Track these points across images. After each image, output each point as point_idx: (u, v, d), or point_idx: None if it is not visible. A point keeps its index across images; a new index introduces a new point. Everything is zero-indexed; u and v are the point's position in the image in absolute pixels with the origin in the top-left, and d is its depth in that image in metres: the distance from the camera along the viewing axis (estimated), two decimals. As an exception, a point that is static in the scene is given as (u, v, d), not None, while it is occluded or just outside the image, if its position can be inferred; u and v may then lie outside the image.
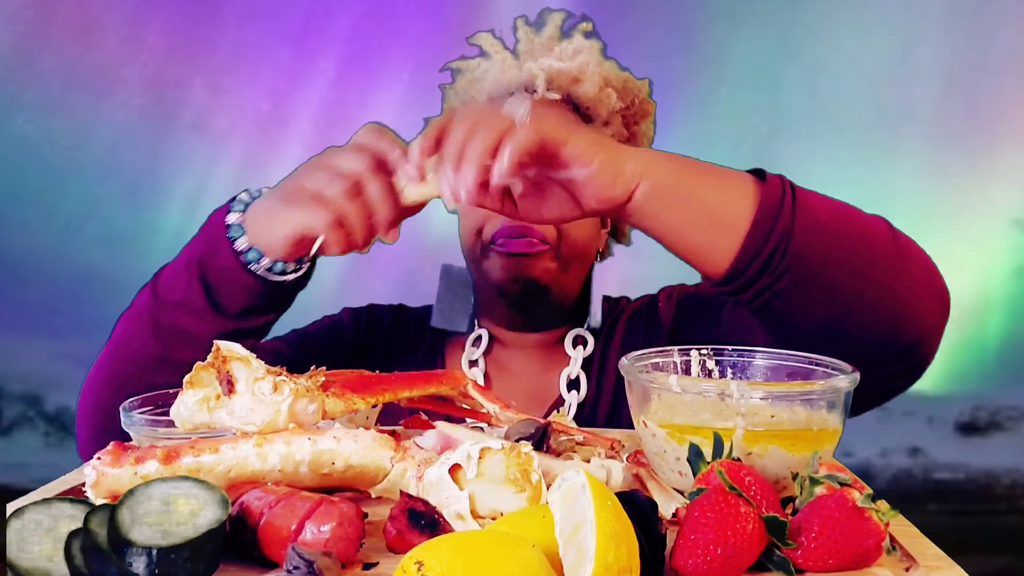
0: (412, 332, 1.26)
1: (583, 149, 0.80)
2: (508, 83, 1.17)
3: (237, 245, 0.89)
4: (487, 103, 1.18)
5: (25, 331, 2.86)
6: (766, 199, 0.84)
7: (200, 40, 2.96)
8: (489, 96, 1.18)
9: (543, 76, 1.14)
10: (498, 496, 0.61)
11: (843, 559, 0.57)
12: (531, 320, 1.19)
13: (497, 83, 1.17)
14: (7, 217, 2.90)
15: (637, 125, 1.22)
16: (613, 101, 1.17)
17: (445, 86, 1.24)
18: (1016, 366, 3.01)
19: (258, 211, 0.89)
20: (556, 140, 0.79)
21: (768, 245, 0.83)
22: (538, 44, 1.18)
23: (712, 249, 0.85)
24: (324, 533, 0.56)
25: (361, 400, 0.70)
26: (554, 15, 1.19)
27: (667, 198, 0.83)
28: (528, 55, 1.18)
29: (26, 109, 2.92)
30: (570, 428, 0.81)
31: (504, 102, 0.82)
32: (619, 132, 1.19)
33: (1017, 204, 3.01)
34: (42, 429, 2.98)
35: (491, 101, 1.18)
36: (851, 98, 3.00)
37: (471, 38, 1.20)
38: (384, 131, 0.86)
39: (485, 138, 0.78)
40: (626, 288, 1.31)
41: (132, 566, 0.52)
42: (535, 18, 1.20)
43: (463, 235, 1.18)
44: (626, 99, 1.20)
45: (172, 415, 0.68)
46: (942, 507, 3.03)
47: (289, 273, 0.90)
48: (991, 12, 2.95)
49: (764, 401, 0.69)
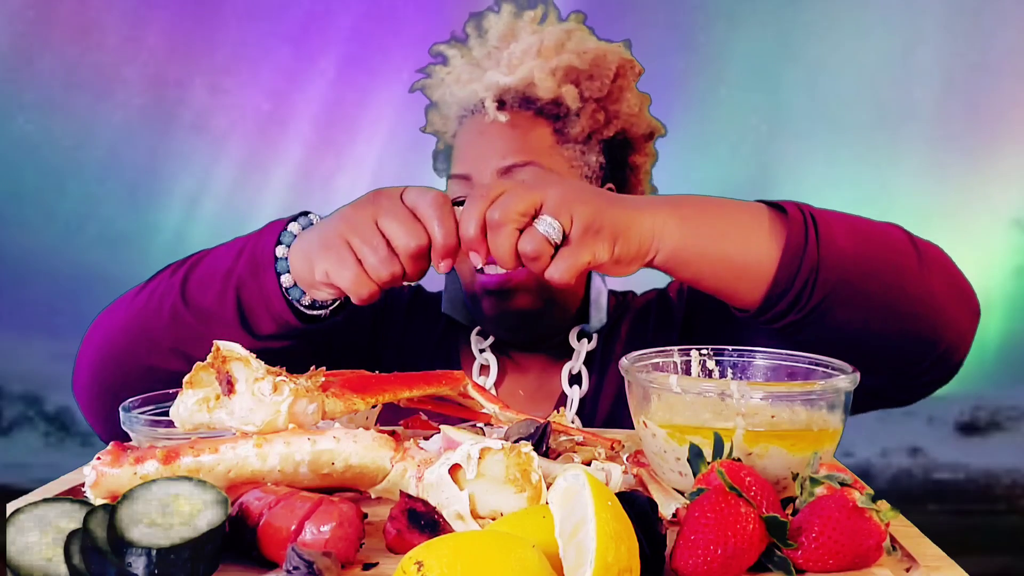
0: (429, 315, 1.24)
1: (597, 249, 0.79)
2: (464, 102, 1.14)
3: (283, 281, 0.88)
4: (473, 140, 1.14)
5: (25, 331, 2.86)
6: (789, 238, 0.83)
7: (200, 40, 2.96)
8: (458, 114, 1.15)
9: (491, 98, 1.11)
10: (498, 496, 0.61)
11: (843, 559, 0.57)
12: (530, 341, 1.18)
13: (458, 101, 1.15)
14: (7, 217, 2.90)
15: (616, 104, 1.16)
16: (572, 96, 1.12)
17: (427, 105, 1.22)
18: (1016, 366, 3.01)
19: (301, 249, 0.87)
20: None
21: (796, 284, 0.82)
22: (487, 52, 1.14)
23: (740, 293, 0.85)
24: (324, 533, 0.56)
25: (361, 400, 0.70)
26: (491, 17, 1.14)
27: (686, 259, 0.83)
28: (484, 63, 1.14)
29: (26, 109, 2.92)
30: (570, 428, 0.81)
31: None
32: (594, 119, 1.14)
33: (1017, 204, 3.01)
34: (42, 429, 2.98)
35: (460, 121, 1.15)
36: (851, 98, 3.00)
37: (433, 48, 1.18)
38: (446, 207, 0.82)
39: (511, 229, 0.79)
40: (628, 283, 1.29)
41: (131, 566, 0.52)
42: (481, 20, 1.15)
43: (460, 281, 1.17)
44: (597, 80, 1.13)
45: (172, 415, 0.68)
46: (942, 507, 3.03)
47: (325, 310, 0.90)
48: (991, 12, 2.95)
49: (764, 401, 0.69)
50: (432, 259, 0.81)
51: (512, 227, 0.78)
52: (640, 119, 1.19)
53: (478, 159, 1.11)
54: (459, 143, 1.15)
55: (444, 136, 1.21)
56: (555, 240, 0.78)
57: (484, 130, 1.12)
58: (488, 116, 1.11)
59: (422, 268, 0.82)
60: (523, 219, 0.78)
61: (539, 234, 0.78)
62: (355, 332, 1.19)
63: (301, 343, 0.93)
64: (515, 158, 1.10)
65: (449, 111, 1.17)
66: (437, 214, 0.80)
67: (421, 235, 0.80)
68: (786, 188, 2.99)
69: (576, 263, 0.78)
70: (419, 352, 1.21)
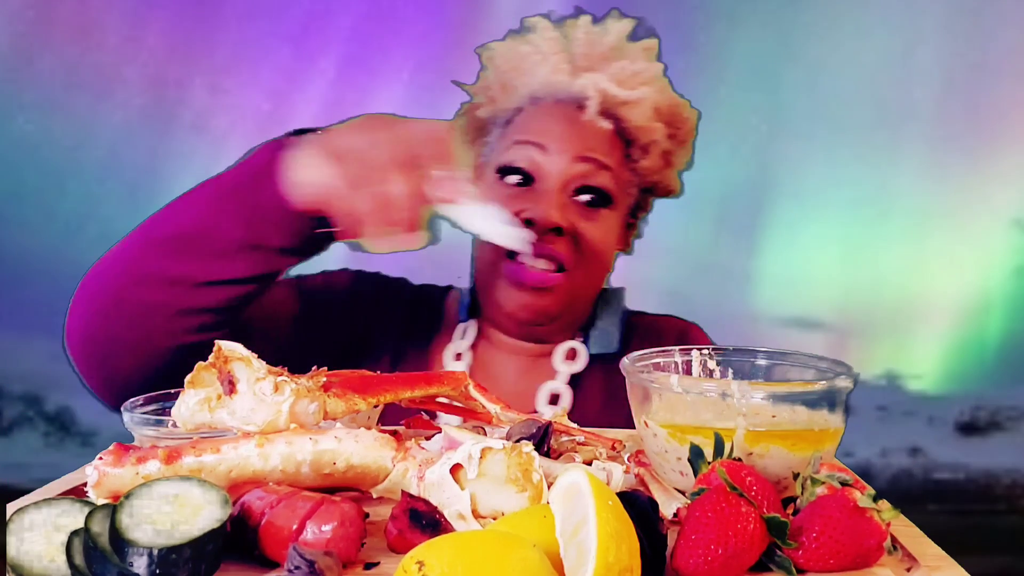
0: (405, 307, 1.24)
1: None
2: (557, 90, 1.14)
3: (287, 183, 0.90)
4: (527, 100, 1.15)
5: (25, 331, 2.85)
6: None
7: (200, 40, 2.96)
8: (531, 92, 1.15)
9: (597, 100, 1.11)
10: (499, 496, 0.61)
11: (844, 559, 0.57)
12: (533, 335, 1.17)
13: (545, 84, 1.14)
14: (7, 217, 2.90)
15: (673, 154, 1.19)
16: (659, 135, 1.15)
17: (484, 64, 1.19)
18: (1016, 366, 3.02)
19: (305, 156, 0.90)
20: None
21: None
22: (597, 54, 1.14)
23: None
24: (325, 533, 0.56)
25: (362, 400, 0.70)
26: (620, 23, 1.15)
27: None
28: (584, 62, 1.14)
29: (26, 109, 2.92)
30: (571, 428, 0.81)
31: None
32: (655, 162, 1.17)
33: (1017, 204, 3.01)
34: (42, 429, 2.98)
35: (533, 99, 1.15)
36: (851, 98, 3.00)
37: (526, 20, 1.16)
38: (447, 149, 0.87)
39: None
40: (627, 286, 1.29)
41: (133, 566, 0.52)
42: (599, 18, 1.15)
43: (478, 261, 1.17)
44: (670, 129, 1.17)
45: (173, 415, 0.68)
46: (942, 507, 3.03)
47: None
48: (991, 12, 2.95)
49: (765, 401, 0.69)
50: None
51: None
52: (674, 178, 1.21)
53: (562, 138, 1.11)
54: (536, 118, 1.15)
55: (496, 104, 1.19)
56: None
57: (573, 119, 1.12)
58: (587, 114, 1.12)
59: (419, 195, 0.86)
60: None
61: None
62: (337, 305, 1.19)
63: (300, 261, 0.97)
64: (599, 156, 1.12)
65: (526, 88, 1.15)
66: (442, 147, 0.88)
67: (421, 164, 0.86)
68: (786, 188, 3.00)
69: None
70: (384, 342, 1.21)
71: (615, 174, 1.13)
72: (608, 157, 1.12)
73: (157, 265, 0.93)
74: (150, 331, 0.94)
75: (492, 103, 1.19)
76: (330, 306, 1.18)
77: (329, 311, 1.18)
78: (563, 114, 1.13)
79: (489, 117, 1.20)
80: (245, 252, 0.92)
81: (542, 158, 1.11)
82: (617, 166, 1.14)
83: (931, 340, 3.08)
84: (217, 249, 0.92)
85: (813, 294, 3.09)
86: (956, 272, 3.05)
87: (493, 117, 1.20)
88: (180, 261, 0.93)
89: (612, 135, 1.13)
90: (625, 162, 1.16)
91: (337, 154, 0.88)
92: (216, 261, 0.92)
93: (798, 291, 3.09)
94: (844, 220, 2.95)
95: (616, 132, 1.14)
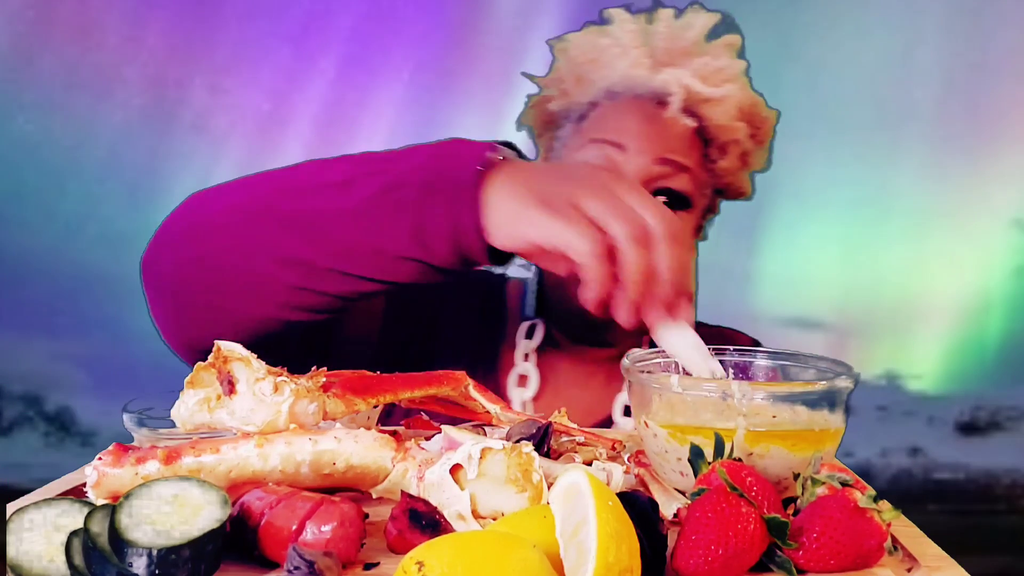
0: (476, 297, 1.17)
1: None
2: (636, 84, 1.09)
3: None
4: (608, 104, 1.10)
5: (25, 331, 2.86)
6: None
7: (200, 40, 2.96)
8: (609, 86, 1.10)
9: (680, 96, 1.07)
10: (499, 496, 0.61)
11: (845, 560, 0.57)
12: (600, 339, 1.10)
13: (624, 78, 1.09)
14: (7, 217, 2.90)
15: (751, 155, 1.15)
16: (741, 134, 1.11)
17: (556, 56, 1.14)
18: (1016, 366, 3.02)
19: (504, 204, 0.77)
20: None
21: None
22: (679, 49, 1.10)
23: None
24: (325, 533, 0.56)
25: (362, 401, 0.70)
26: (701, 16, 1.10)
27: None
28: (665, 56, 1.09)
29: (26, 109, 2.92)
30: (571, 428, 0.81)
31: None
32: (732, 163, 1.13)
33: (1017, 204, 3.01)
34: (42, 429, 2.98)
35: (610, 94, 1.10)
36: (851, 98, 3.00)
37: (604, 11, 1.11)
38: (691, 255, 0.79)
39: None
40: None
41: (132, 566, 0.52)
42: (680, 12, 1.10)
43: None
44: (751, 128, 1.13)
45: (173, 415, 0.68)
46: (942, 507, 3.03)
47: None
48: (991, 12, 2.95)
49: (766, 401, 0.69)
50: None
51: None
52: (747, 180, 1.18)
53: (641, 138, 1.07)
54: (614, 116, 1.09)
55: (569, 98, 1.15)
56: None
57: (653, 117, 1.08)
58: (668, 111, 1.07)
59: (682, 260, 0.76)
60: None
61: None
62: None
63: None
64: (679, 157, 1.07)
65: (603, 82, 1.11)
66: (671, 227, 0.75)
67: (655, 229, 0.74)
68: (786, 188, 2.99)
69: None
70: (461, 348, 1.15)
71: (694, 175, 1.09)
72: (687, 158, 1.08)
73: (289, 243, 0.83)
74: (263, 301, 0.85)
75: (565, 96, 1.15)
76: (410, 294, 1.11)
77: (409, 297, 1.12)
78: (642, 111, 1.08)
79: (561, 111, 1.16)
80: (401, 262, 0.81)
81: (620, 158, 1.06)
82: (696, 167, 1.09)
83: (931, 340, 3.08)
84: (372, 250, 0.81)
85: (813, 294, 3.09)
86: (956, 272, 3.05)
87: (565, 111, 1.15)
88: (319, 247, 0.82)
89: (692, 134, 1.09)
90: (703, 163, 1.12)
91: (566, 214, 0.74)
92: (365, 259, 0.82)
93: (798, 291, 3.09)
94: (844, 220, 2.96)
95: (695, 131, 1.10)
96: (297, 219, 0.82)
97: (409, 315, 1.13)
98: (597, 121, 1.10)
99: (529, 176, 0.78)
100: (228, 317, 0.88)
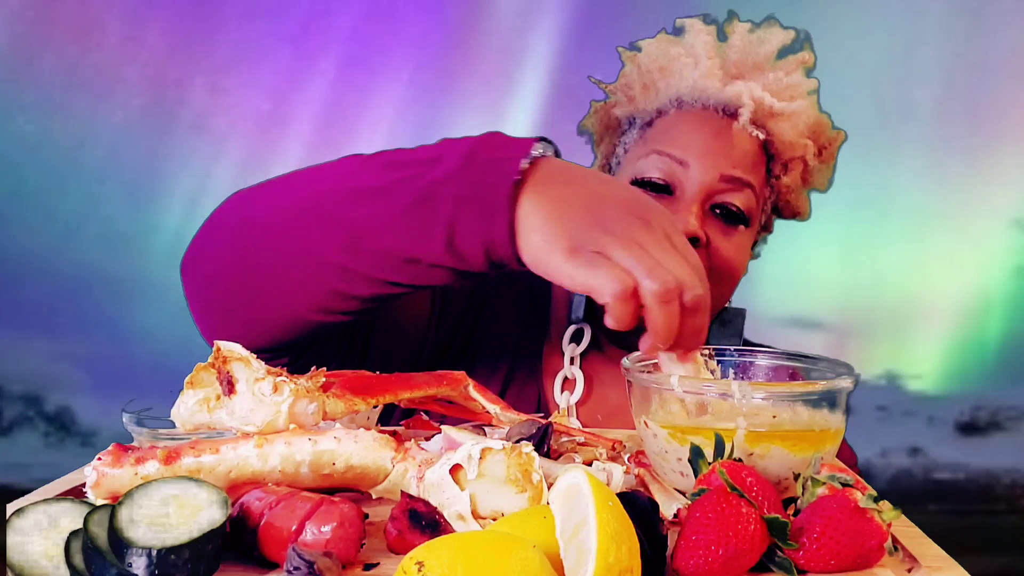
0: (524, 296, 1.16)
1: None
2: (706, 95, 1.08)
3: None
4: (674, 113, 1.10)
5: (25, 331, 2.86)
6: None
7: (200, 40, 2.96)
8: (677, 95, 1.10)
9: (750, 108, 1.06)
10: (499, 496, 0.61)
11: (845, 560, 0.57)
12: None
13: (694, 89, 1.09)
14: (7, 217, 2.90)
15: (813, 174, 1.15)
16: (807, 152, 1.11)
17: (625, 62, 1.14)
18: (1016, 366, 3.02)
19: (533, 238, 0.74)
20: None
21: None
22: (751, 62, 1.10)
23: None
24: (325, 533, 0.56)
25: (362, 401, 0.70)
26: (776, 31, 1.11)
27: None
28: (737, 69, 1.09)
29: (26, 109, 2.92)
30: (571, 429, 0.81)
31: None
32: (794, 180, 1.13)
33: (1017, 204, 3.01)
34: (42, 429, 2.98)
35: (678, 103, 1.10)
36: (851, 98, 2.99)
37: (678, 20, 1.11)
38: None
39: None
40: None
41: (132, 567, 0.52)
42: (755, 25, 1.10)
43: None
44: (826, 148, 1.14)
45: (172, 415, 0.68)
46: (942, 507, 3.03)
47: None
48: (991, 12, 2.95)
49: (766, 401, 0.69)
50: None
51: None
52: (806, 200, 1.17)
53: (706, 154, 1.06)
54: (680, 128, 1.09)
55: (635, 104, 1.14)
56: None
57: (720, 131, 1.07)
58: (738, 123, 1.07)
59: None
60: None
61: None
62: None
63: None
64: (743, 174, 1.06)
65: (671, 90, 1.10)
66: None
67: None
68: (786, 188, 2.99)
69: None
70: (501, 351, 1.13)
71: (756, 192, 1.08)
72: (751, 174, 1.07)
73: (331, 247, 0.81)
74: (298, 302, 0.84)
75: (631, 103, 1.14)
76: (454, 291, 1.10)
77: (453, 296, 1.11)
78: (710, 124, 1.08)
79: (626, 116, 1.15)
80: (436, 269, 0.79)
81: (684, 173, 1.05)
82: (759, 184, 1.09)
83: (931, 340, 3.08)
84: (406, 259, 0.79)
85: (813, 294, 3.09)
86: (956, 272, 3.05)
87: (631, 117, 1.15)
88: (357, 253, 0.80)
89: (757, 150, 1.09)
90: (766, 179, 1.12)
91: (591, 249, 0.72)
92: (399, 267, 0.79)
93: (798, 291, 3.09)
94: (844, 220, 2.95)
95: (760, 146, 1.10)
96: (338, 222, 0.80)
97: (454, 311, 1.11)
98: (663, 131, 1.10)
99: (560, 206, 0.74)
100: (268, 316, 0.87)
